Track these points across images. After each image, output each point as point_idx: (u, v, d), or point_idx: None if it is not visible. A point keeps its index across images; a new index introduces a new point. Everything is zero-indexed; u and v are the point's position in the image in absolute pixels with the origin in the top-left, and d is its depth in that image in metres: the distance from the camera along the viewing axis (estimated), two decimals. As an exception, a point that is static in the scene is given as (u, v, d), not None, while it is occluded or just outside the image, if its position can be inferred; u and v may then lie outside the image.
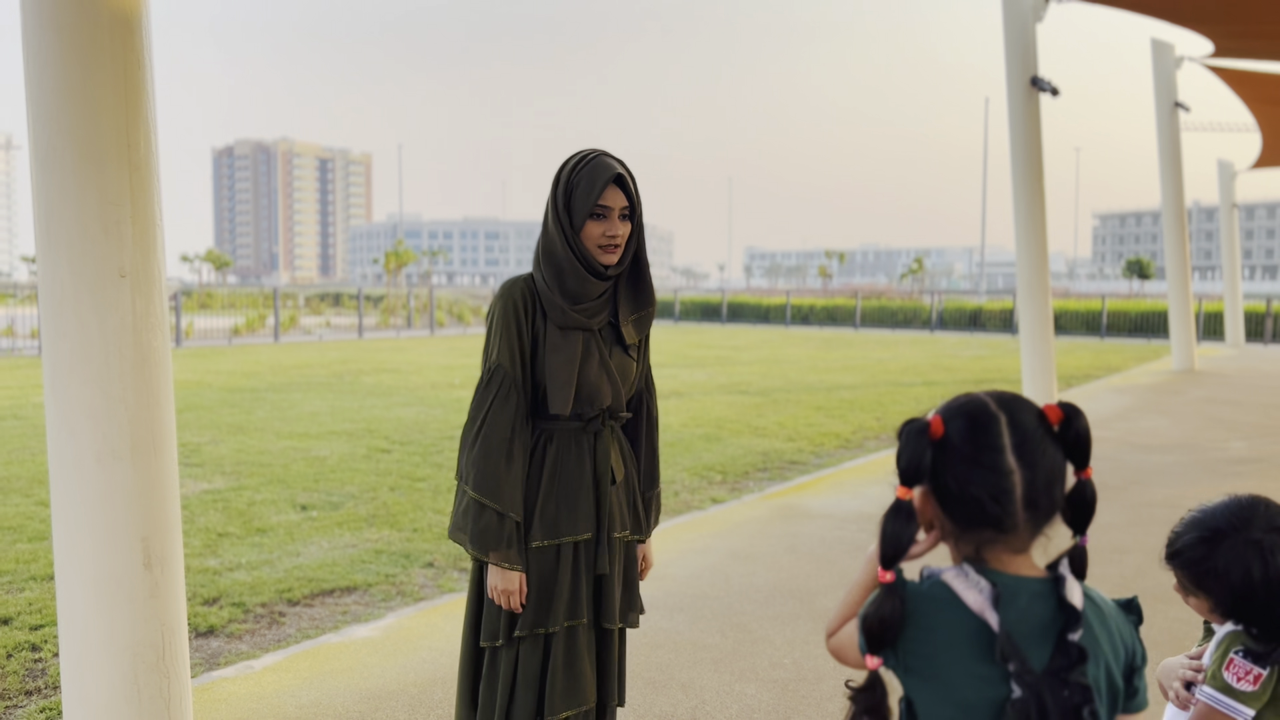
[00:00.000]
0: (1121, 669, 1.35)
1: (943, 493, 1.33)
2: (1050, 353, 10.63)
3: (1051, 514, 1.34)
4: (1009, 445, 1.30)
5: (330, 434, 9.74)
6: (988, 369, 18.10)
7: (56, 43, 2.71)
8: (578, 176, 2.44)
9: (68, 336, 2.73)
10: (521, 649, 2.49)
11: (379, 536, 5.96)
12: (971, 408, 1.34)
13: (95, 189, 2.72)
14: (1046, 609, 1.32)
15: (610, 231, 2.43)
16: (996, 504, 1.30)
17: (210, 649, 4.24)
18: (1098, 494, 1.37)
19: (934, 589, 1.32)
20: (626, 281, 2.56)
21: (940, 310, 34.52)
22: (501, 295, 2.50)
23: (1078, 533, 1.38)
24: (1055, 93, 10.32)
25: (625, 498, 2.61)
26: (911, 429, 1.32)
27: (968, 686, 1.29)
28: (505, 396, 2.43)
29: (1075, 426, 1.34)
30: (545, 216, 2.50)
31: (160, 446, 2.83)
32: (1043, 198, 10.48)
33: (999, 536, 1.32)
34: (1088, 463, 1.35)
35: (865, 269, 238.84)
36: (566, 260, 2.44)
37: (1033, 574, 1.34)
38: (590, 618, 2.54)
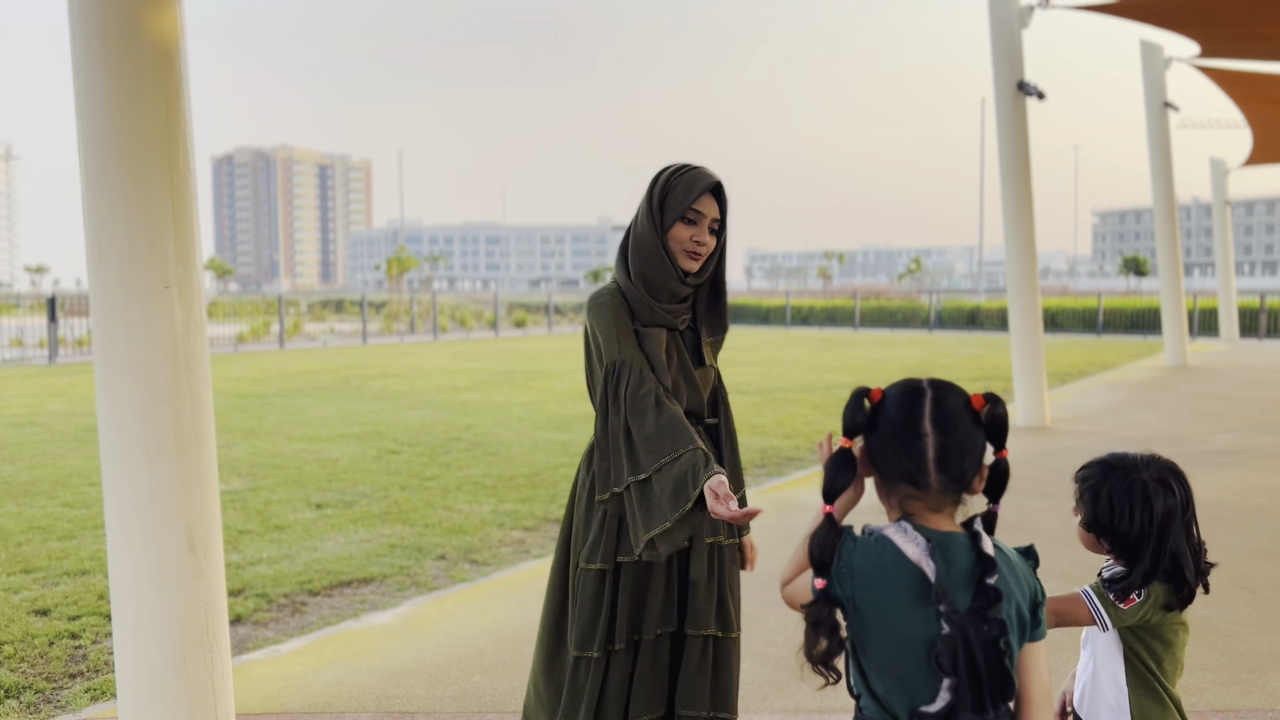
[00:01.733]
0: (1028, 605, 1.63)
1: (873, 447, 1.61)
2: (1040, 350, 10.90)
3: (962, 481, 1.60)
4: (928, 415, 1.58)
5: (340, 437, 10.02)
6: (984, 367, 18.37)
7: (105, 75, 2.99)
8: (677, 179, 2.50)
9: (118, 342, 3.01)
10: (614, 658, 2.50)
11: (392, 532, 6.24)
12: (908, 384, 1.63)
13: (142, 208, 3.00)
14: (968, 559, 1.59)
15: (698, 237, 2.49)
16: (912, 462, 1.58)
17: (239, 635, 4.52)
18: (1010, 472, 1.65)
19: (878, 542, 1.60)
20: (705, 301, 2.61)
21: (939, 310, 34.80)
22: (601, 302, 2.51)
23: (992, 501, 1.66)
24: (1041, 96, 10.60)
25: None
26: (857, 394, 1.61)
27: (907, 625, 1.56)
28: (640, 377, 2.41)
29: (994, 412, 1.62)
30: (636, 218, 2.55)
31: (202, 442, 3.11)
32: (1030, 199, 10.75)
33: (916, 493, 1.59)
34: (1004, 444, 1.63)
35: (866, 269, 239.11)
36: (654, 258, 2.48)
37: (953, 530, 1.62)
38: (679, 625, 2.54)
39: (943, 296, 39.74)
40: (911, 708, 1.56)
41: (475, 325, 34.92)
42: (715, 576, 2.56)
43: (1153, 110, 17.99)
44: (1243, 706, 3.67)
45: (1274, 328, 27.85)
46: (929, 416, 1.58)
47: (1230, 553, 5.66)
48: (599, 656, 2.48)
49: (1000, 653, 1.56)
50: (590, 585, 2.51)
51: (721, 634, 2.57)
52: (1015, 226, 10.79)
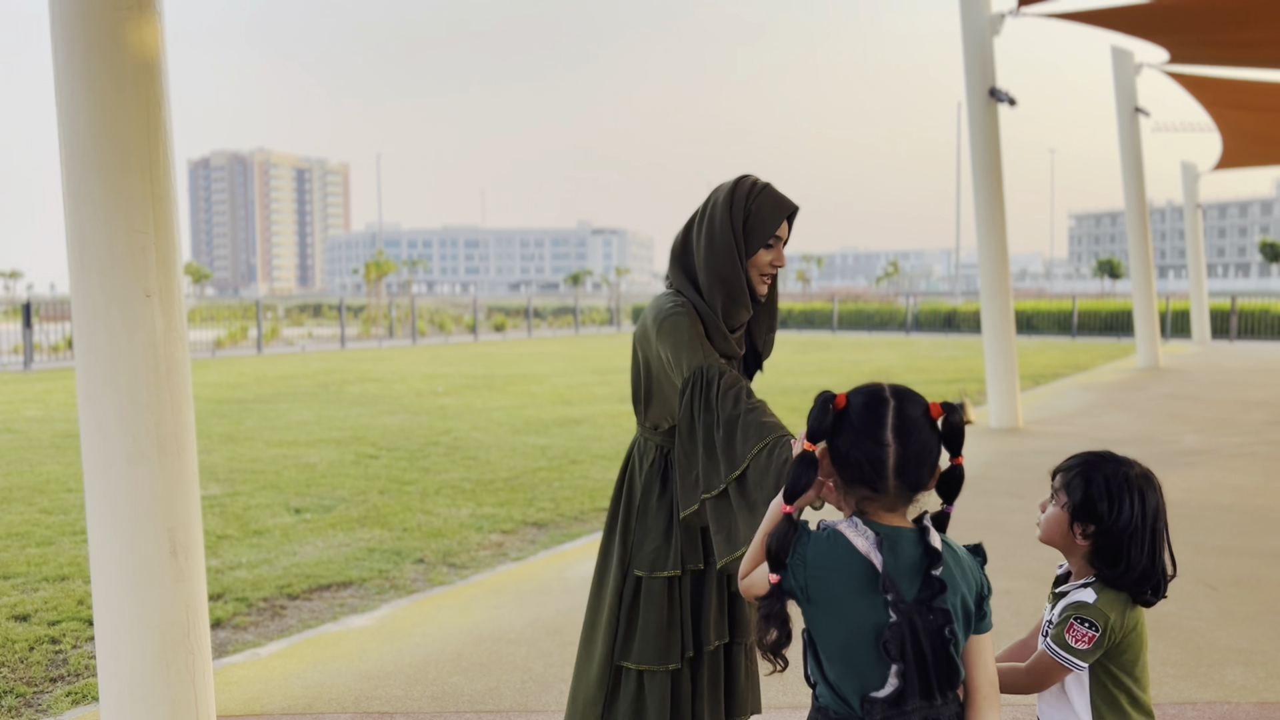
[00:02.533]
0: (974, 598, 1.72)
1: (836, 452, 1.70)
2: (1012, 352, 11.05)
3: (919, 487, 1.69)
4: (890, 425, 1.67)
5: (319, 442, 10.04)
6: (960, 369, 18.56)
7: (87, 89, 3.04)
8: (757, 203, 2.45)
9: (100, 350, 3.06)
10: (679, 672, 2.49)
11: (371, 536, 6.29)
12: (871, 392, 1.71)
13: (123, 217, 3.06)
14: (916, 552, 1.68)
15: (777, 262, 2.49)
16: (872, 469, 1.66)
17: (218, 639, 4.56)
18: (964, 477, 1.75)
19: (830, 536, 1.68)
20: (761, 313, 2.62)
21: (916, 312, 35.06)
22: (680, 311, 2.43)
23: (946, 502, 1.75)
24: (1013, 103, 10.75)
25: None
26: (822, 399, 1.69)
27: (857, 614, 1.64)
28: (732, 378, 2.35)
29: (951, 421, 1.71)
30: (708, 237, 2.46)
31: (183, 448, 3.17)
32: (1002, 203, 10.91)
33: (874, 495, 1.69)
34: (959, 451, 1.72)
35: (845, 272, 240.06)
36: (737, 285, 2.44)
37: (904, 525, 1.71)
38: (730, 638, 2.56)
39: (920, 299, 40.04)
40: (862, 693, 1.65)
41: (454, 329, 34.91)
42: None
43: (1124, 115, 18.24)
44: (1200, 699, 3.78)
45: (1245, 329, 28.24)
46: (891, 427, 1.66)
47: (1194, 550, 5.79)
48: (672, 669, 2.44)
49: (946, 641, 1.65)
50: (658, 594, 2.47)
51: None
52: (988, 230, 10.94)
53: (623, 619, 2.50)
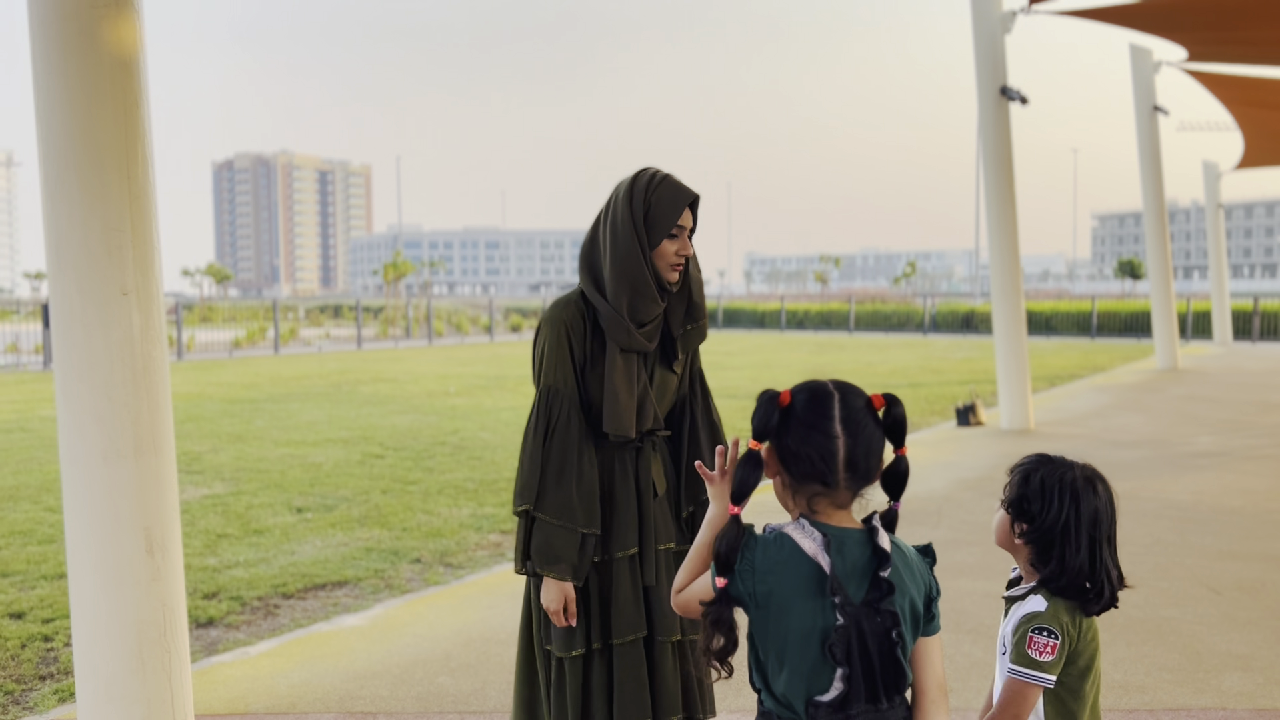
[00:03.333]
0: (922, 600, 1.68)
1: (784, 450, 1.66)
2: (1023, 353, 10.95)
3: (868, 479, 1.66)
4: (838, 418, 1.63)
5: (327, 441, 10.07)
6: (975, 370, 18.42)
7: (63, 86, 3.04)
8: (657, 194, 2.47)
9: (76, 348, 3.06)
10: (593, 660, 2.52)
11: (369, 536, 6.29)
12: (814, 387, 1.67)
13: (99, 216, 3.05)
14: (864, 554, 1.64)
15: (683, 251, 2.50)
16: (823, 462, 1.63)
17: (210, 638, 4.57)
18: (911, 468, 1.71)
19: (778, 539, 1.65)
20: (676, 301, 2.60)
21: (933, 313, 34.86)
22: (553, 317, 2.51)
23: (893, 499, 1.71)
24: (1024, 101, 10.66)
25: (670, 510, 2.62)
26: (765, 397, 1.65)
27: (804, 617, 1.61)
28: (567, 419, 2.46)
29: (893, 413, 1.67)
30: (611, 233, 2.48)
31: (160, 446, 3.16)
32: (1014, 203, 10.81)
33: (825, 491, 1.65)
34: (902, 443, 1.68)
35: (866, 272, 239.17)
36: (641, 280, 2.46)
37: (852, 526, 1.67)
38: (649, 630, 2.56)
39: (938, 300, 39.79)
40: (808, 698, 1.61)
41: (471, 330, 34.98)
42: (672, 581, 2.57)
43: (1143, 114, 18.06)
44: (1195, 705, 3.72)
45: (1268, 330, 27.91)
46: (839, 419, 1.63)
47: (1200, 554, 5.70)
48: (579, 655, 2.50)
49: (893, 644, 1.61)
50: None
51: (685, 637, 2.59)
52: (999, 230, 10.85)
53: (535, 606, 2.58)
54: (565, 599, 2.47)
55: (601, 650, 2.52)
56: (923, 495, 7.32)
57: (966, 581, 5.21)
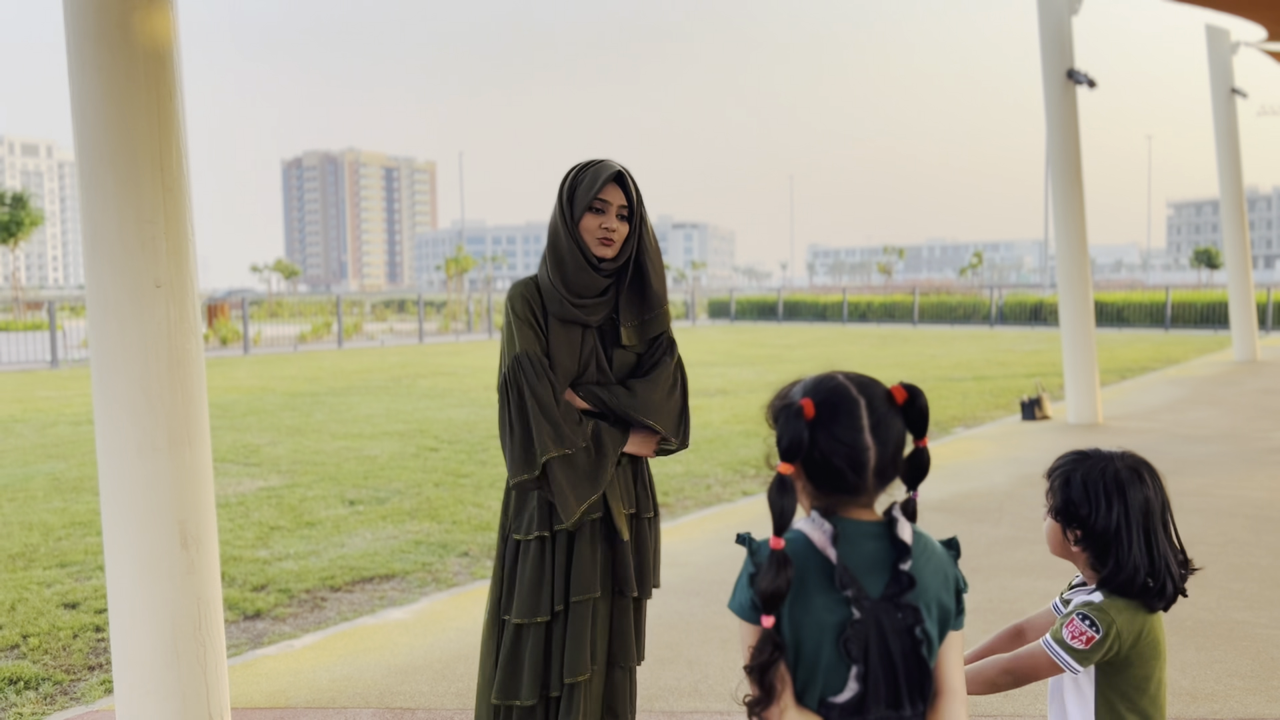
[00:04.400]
0: (950, 594, 1.57)
1: (809, 463, 1.54)
2: (1091, 345, 10.61)
3: (893, 477, 1.56)
4: (867, 427, 1.52)
5: (383, 434, 10.13)
6: (1042, 362, 17.97)
7: (97, 79, 3.04)
8: (582, 174, 2.67)
9: (111, 341, 3.05)
10: (554, 622, 2.68)
11: (419, 528, 6.28)
12: (837, 394, 1.54)
13: (133, 209, 3.05)
14: (882, 546, 1.54)
15: (607, 224, 2.64)
16: (855, 474, 1.52)
17: (256, 630, 4.58)
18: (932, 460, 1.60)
19: (790, 535, 1.54)
20: (630, 287, 2.74)
21: (1001, 304, 34.16)
22: (510, 298, 2.72)
23: (911, 489, 1.60)
24: (1092, 85, 10.31)
25: (631, 477, 2.78)
26: (789, 413, 1.52)
27: (819, 611, 1.50)
28: (539, 374, 2.61)
29: (916, 404, 1.56)
30: (552, 215, 2.72)
31: (194, 439, 3.15)
32: (1081, 190, 10.48)
33: (851, 499, 1.54)
34: (924, 434, 1.57)
35: (932, 264, 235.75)
36: (569, 252, 2.64)
37: (869, 518, 1.56)
38: (606, 589, 2.73)
39: (1006, 291, 38.95)
40: (821, 697, 1.51)
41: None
42: (641, 544, 2.80)
43: (1219, 97, 17.43)
44: (1268, 715, 3.52)
45: (1353, 321, 26.83)
46: (869, 429, 1.52)
47: (1276, 554, 5.44)
48: (542, 621, 2.66)
49: (916, 642, 1.51)
50: (532, 554, 2.68)
51: (640, 596, 2.81)
52: (1066, 219, 10.53)
53: (505, 578, 2.73)
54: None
55: (563, 611, 2.68)
56: (984, 491, 7.12)
57: (1028, 581, 5.02)
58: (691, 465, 8.27)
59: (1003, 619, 4.49)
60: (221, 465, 8.45)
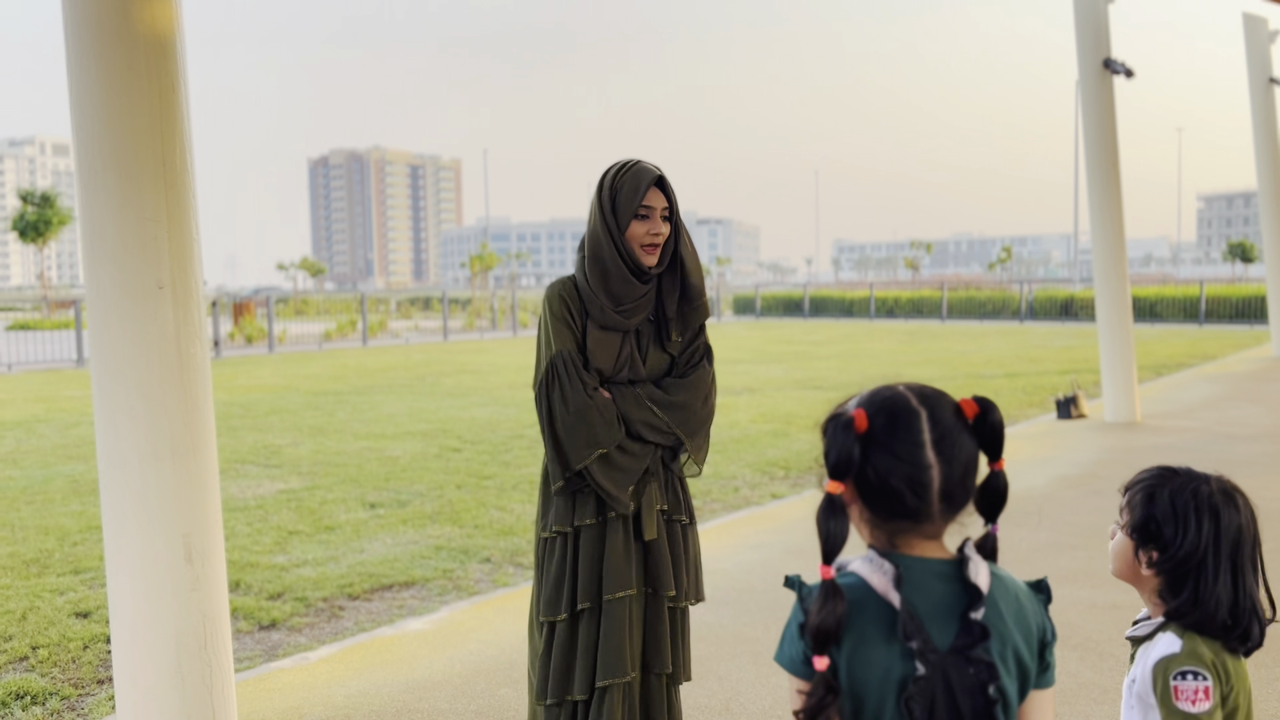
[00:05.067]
0: (1033, 647, 1.37)
1: (863, 483, 1.36)
2: (1129, 341, 10.33)
3: (964, 503, 1.36)
4: (929, 441, 1.33)
5: (406, 434, 10.00)
6: (1075, 359, 17.64)
7: (95, 69, 2.89)
8: (621, 181, 2.63)
9: (111, 345, 2.91)
10: (582, 620, 2.65)
11: (440, 533, 6.13)
12: (894, 403, 1.36)
13: (133, 206, 2.89)
14: (950, 590, 1.34)
15: (653, 230, 2.63)
16: (915, 496, 1.33)
17: (271, 641, 4.44)
18: (1009, 484, 1.40)
19: (846, 579, 1.36)
20: (668, 281, 2.73)
21: (1030, 300, 33.71)
22: (548, 297, 2.69)
23: (989, 521, 1.40)
24: (1130, 74, 10.02)
25: (662, 477, 2.75)
26: (838, 424, 1.34)
27: (880, 664, 1.32)
28: (573, 376, 2.61)
29: (989, 420, 1.36)
30: (591, 221, 2.68)
31: (200, 448, 2.99)
32: (1118, 183, 10.19)
33: (914, 526, 1.35)
34: (1000, 455, 1.38)
35: (959, 259, 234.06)
36: (612, 262, 2.63)
37: (938, 555, 1.37)
38: (640, 588, 2.70)
39: (1036, 286, 38.43)
40: None
41: (556, 321, 34.95)
42: (674, 547, 2.74)
43: (1257, 87, 17.00)
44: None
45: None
46: (930, 444, 1.33)
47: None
48: (563, 620, 2.63)
49: (989, 702, 1.31)
50: (555, 551, 2.66)
51: (673, 601, 2.73)
52: (1102, 212, 10.24)
53: (537, 578, 2.73)
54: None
55: (591, 609, 2.63)
56: (1021, 494, 6.88)
57: (1071, 590, 4.80)
58: (719, 467, 8.08)
59: (1048, 632, 4.28)
60: (242, 466, 8.34)
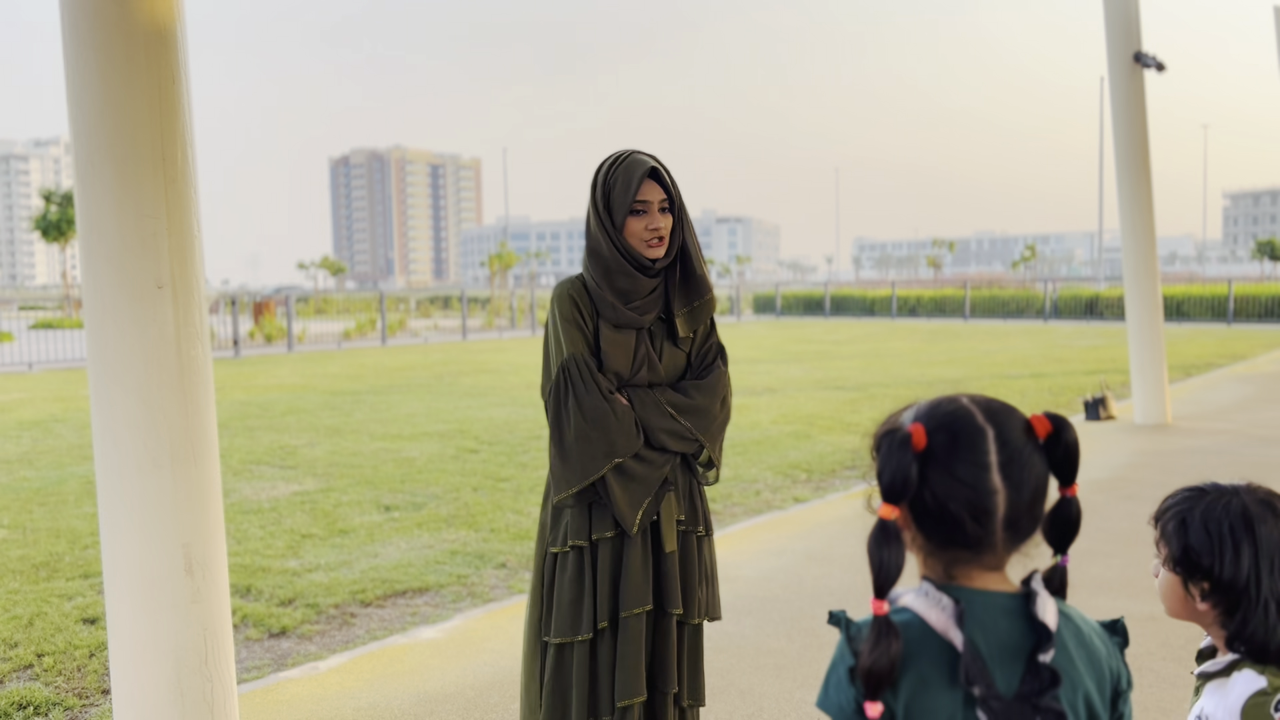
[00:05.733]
0: (1105, 695, 1.23)
1: (919, 507, 1.21)
2: (1160, 341, 10.11)
3: (1031, 532, 1.22)
4: (995, 463, 1.18)
5: (422, 435, 9.90)
6: (1101, 359, 17.37)
7: (93, 59, 2.77)
8: (614, 176, 2.50)
9: (109, 347, 2.79)
10: (600, 640, 2.51)
11: (456, 537, 6.01)
12: (957, 419, 1.21)
13: (132, 202, 2.78)
14: (1016, 628, 1.20)
15: (652, 225, 2.49)
16: (977, 524, 1.18)
17: (281, 649, 4.33)
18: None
19: (899, 616, 1.21)
20: (679, 276, 2.60)
21: (1055, 298, 33.35)
22: (557, 297, 2.57)
23: (1059, 551, 1.26)
24: (1161, 68, 9.80)
25: (680, 487, 2.61)
26: (893, 441, 1.19)
27: (939, 711, 1.17)
28: (587, 381, 2.47)
29: (1064, 440, 1.22)
30: (588, 219, 2.56)
31: (201, 455, 2.88)
32: (1149, 179, 9.97)
33: (974, 556, 1.21)
34: (1074, 479, 1.23)
35: (981, 257, 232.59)
36: (612, 259, 2.50)
37: (1002, 589, 1.23)
38: (653, 605, 2.55)
39: (1060, 285, 38.02)
40: None
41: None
42: (684, 561, 2.59)
43: (1289, 81, 16.69)
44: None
45: None
46: (997, 466, 1.18)
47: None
48: (584, 640, 2.48)
49: None
50: (570, 567, 2.51)
51: (683, 618, 2.59)
52: (1132, 209, 10.02)
53: (545, 596, 2.56)
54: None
55: (609, 628, 2.50)
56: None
57: (1106, 600, 4.63)
58: (739, 469, 7.93)
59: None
60: (257, 467, 8.25)
